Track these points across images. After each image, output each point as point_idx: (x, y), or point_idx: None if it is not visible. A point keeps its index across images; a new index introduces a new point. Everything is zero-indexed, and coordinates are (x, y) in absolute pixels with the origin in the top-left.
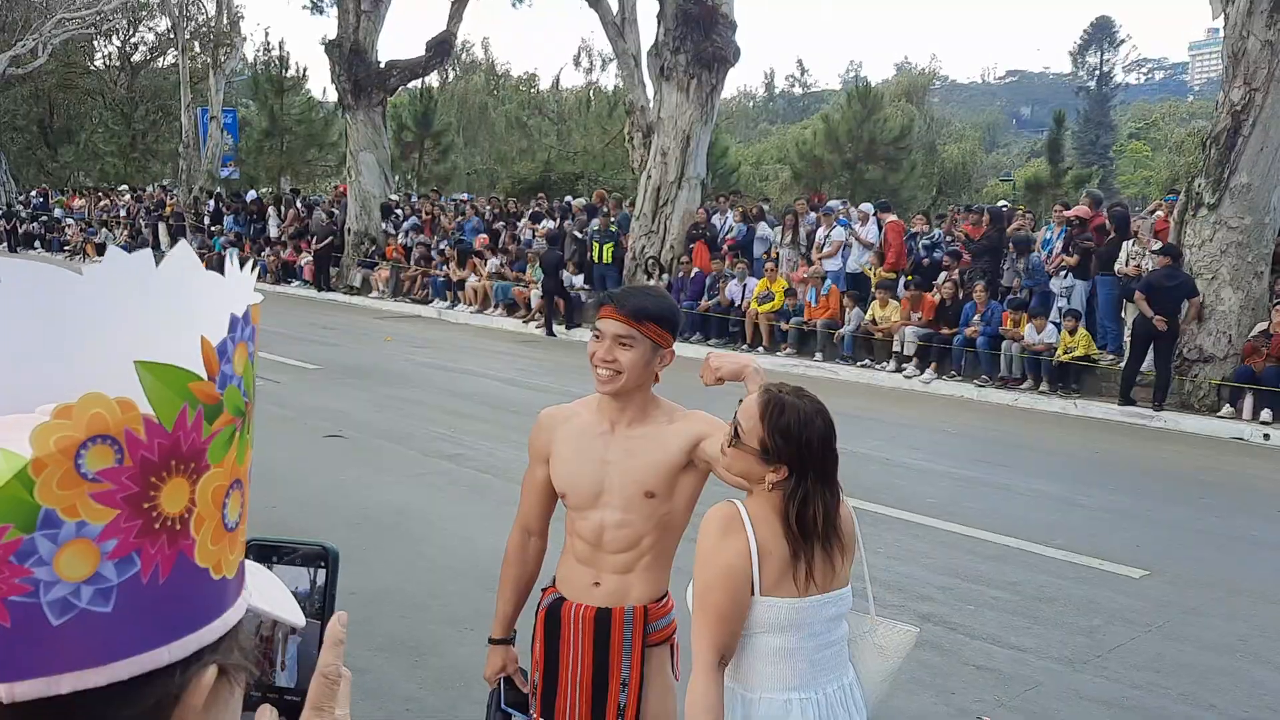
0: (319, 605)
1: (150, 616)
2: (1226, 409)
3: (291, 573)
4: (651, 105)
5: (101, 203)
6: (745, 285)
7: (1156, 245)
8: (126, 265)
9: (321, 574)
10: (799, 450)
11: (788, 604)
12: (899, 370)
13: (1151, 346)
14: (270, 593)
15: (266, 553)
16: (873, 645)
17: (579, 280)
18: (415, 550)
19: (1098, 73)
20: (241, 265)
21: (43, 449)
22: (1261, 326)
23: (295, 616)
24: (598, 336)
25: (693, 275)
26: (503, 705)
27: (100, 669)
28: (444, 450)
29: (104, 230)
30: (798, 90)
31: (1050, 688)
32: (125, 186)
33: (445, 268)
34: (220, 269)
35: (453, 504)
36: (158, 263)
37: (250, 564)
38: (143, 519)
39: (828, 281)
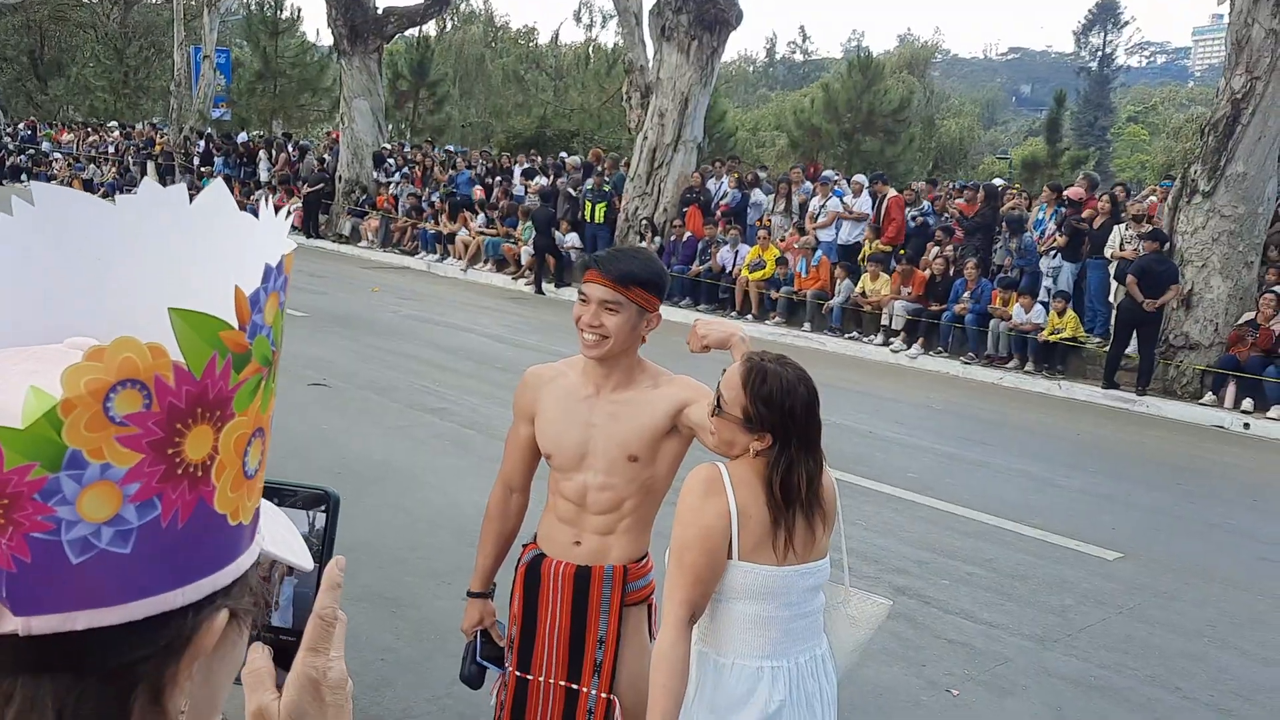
0: (318, 548)
1: (167, 560)
2: (1209, 397)
3: (291, 515)
4: (651, 65)
5: (90, 138)
6: (737, 252)
7: (1145, 229)
8: (161, 199)
9: (321, 517)
10: (782, 418)
11: (766, 571)
12: (886, 344)
13: (1136, 331)
14: (282, 535)
15: (268, 494)
16: (845, 616)
17: (571, 239)
18: (395, 503)
19: (1100, 54)
20: (276, 211)
21: (73, 390)
22: (1249, 316)
23: (305, 560)
24: (584, 300)
25: (685, 239)
26: (478, 658)
27: (115, 608)
28: (428, 404)
29: (91, 166)
30: (799, 57)
31: (1020, 664)
32: (115, 123)
33: (436, 220)
34: (254, 214)
35: (435, 458)
36: (191, 199)
37: (265, 505)
38: (166, 464)
39: (819, 252)
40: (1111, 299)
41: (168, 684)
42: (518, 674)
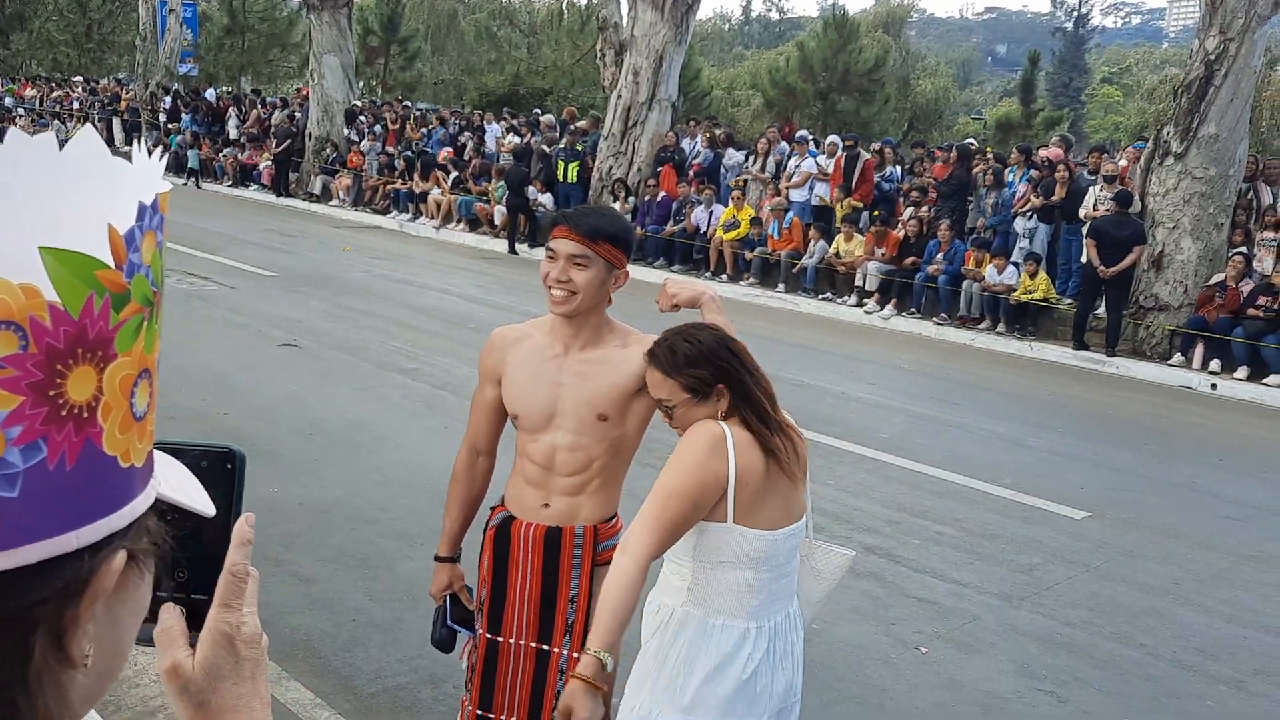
0: (227, 507)
1: (58, 502)
2: (1177, 358)
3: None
4: (625, 22)
5: (54, 93)
6: (711, 212)
7: (1115, 190)
8: (29, 147)
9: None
10: (714, 365)
11: (761, 537)
12: (860, 305)
13: (1104, 292)
14: (180, 483)
15: (170, 455)
16: (810, 569)
17: (545, 198)
18: (367, 463)
19: (1075, 14)
20: (150, 153)
21: None
22: (1218, 277)
23: (205, 507)
24: (551, 256)
25: (659, 199)
26: (448, 622)
27: (6, 553)
28: (400, 364)
29: (56, 122)
30: (774, 15)
31: (988, 622)
32: (79, 78)
33: (409, 179)
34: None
35: (406, 418)
36: (61, 148)
37: (160, 454)
38: (49, 406)
39: (791, 212)
40: (1084, 259)
41: (68, 627)
42: (488, 636)
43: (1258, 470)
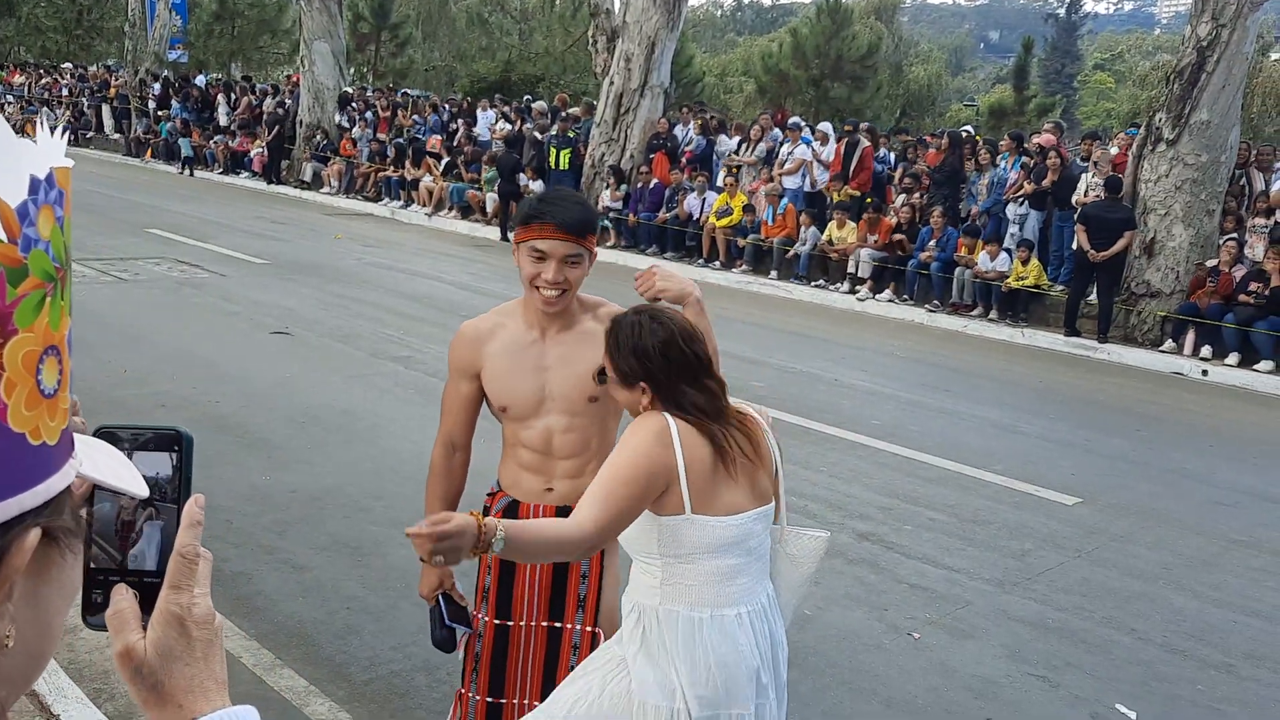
0: (176, 488)
1: None
2: (1169, 344)
3: (150, 458)
4: (617, 9)
5: (43, 80)
6: (704, 199)
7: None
8: None
9: (178, 457)
10: (640, 361)
11: (728, 523)
12: (852, 292)
13: (1095, 278)
14: (105, 463)
15: (117, 437)
16: (785, 555)
17: (536, 185)
18: (360, 451)
19: (1068, 0)
20: (53, 131)
21: None
22: (1211, 262)
23: (135, 486)
24: (540, 257)
25: (651, 186)
26: (447, 621)
27: None
28: (392, 352)
29: (45, 109)
30: (767, 1)
31: (979, 607)
32: (68, 65)
33: (401, 166)
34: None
35: (399, 406)
36: (145, 143)
37: (83, 437)
38: None
39: (785, 199)
40: (1075, 245)
41: None
42: (496, 622)
43: (1248, 456)
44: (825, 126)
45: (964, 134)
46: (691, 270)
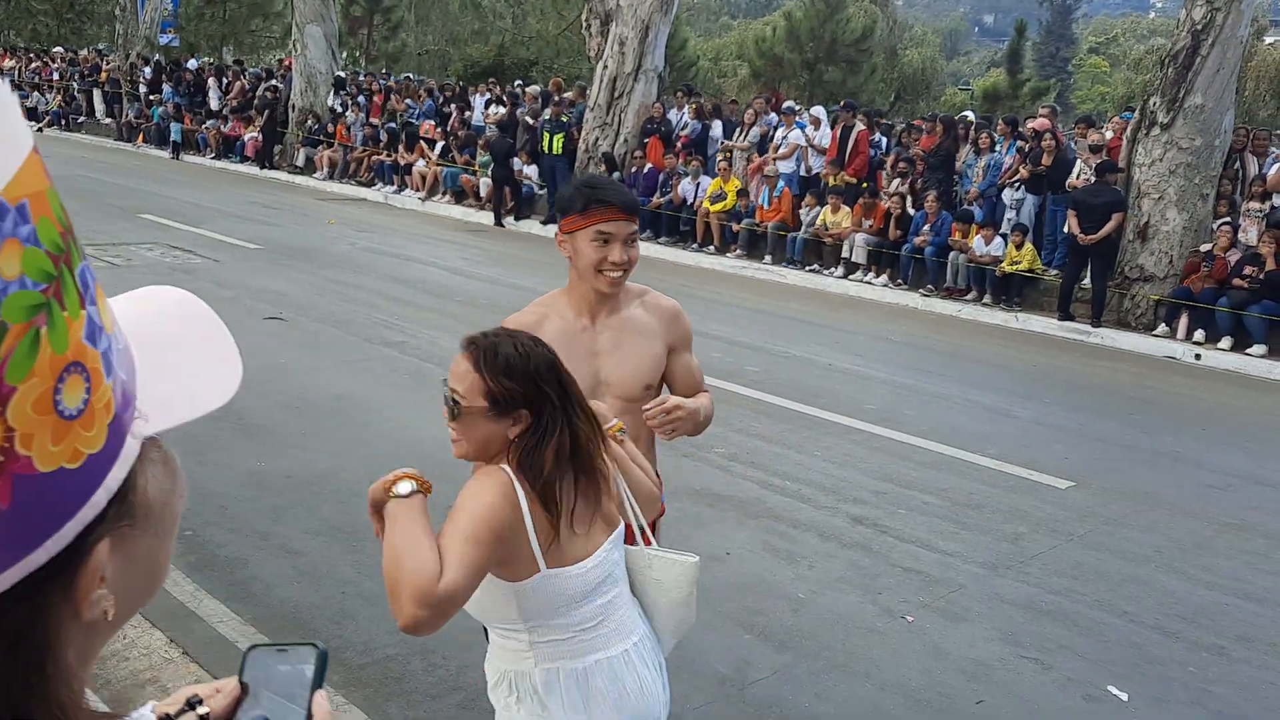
0: (308, 701)
1: (7, 539)
2: (1162, 328)
3: (289, 673)
4: None
5: (33, 64)
6: (699, 184)
7: (1098, 160)
8: None
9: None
10: (532, 383)
11: (588, 565)
12: (846, 276)
13: (1089, 263)
14: (173, 392)
15: (257, 662)
16: (651, 580)
17: (530, 170)
18: (354, 436)
19: None
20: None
21: None
22: (1206, 247)
23: (216, 397)
24: (606, 239)
25: (645, 171)
26: None
27: None
28: (386, 337)
29: (36, 94)
30: None
31: (973, 590)
32: (59, 49)
33: (394, 151)
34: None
35: (393, 391)
36: (138, 127)
37: (140, 352)
38: None
39: (780, 183)
40: (1066, 230)
41: (64, 620)
42: None
43: (1240, 439)
44: (818, 110)
45: (959, 118)
46: (685, 255)
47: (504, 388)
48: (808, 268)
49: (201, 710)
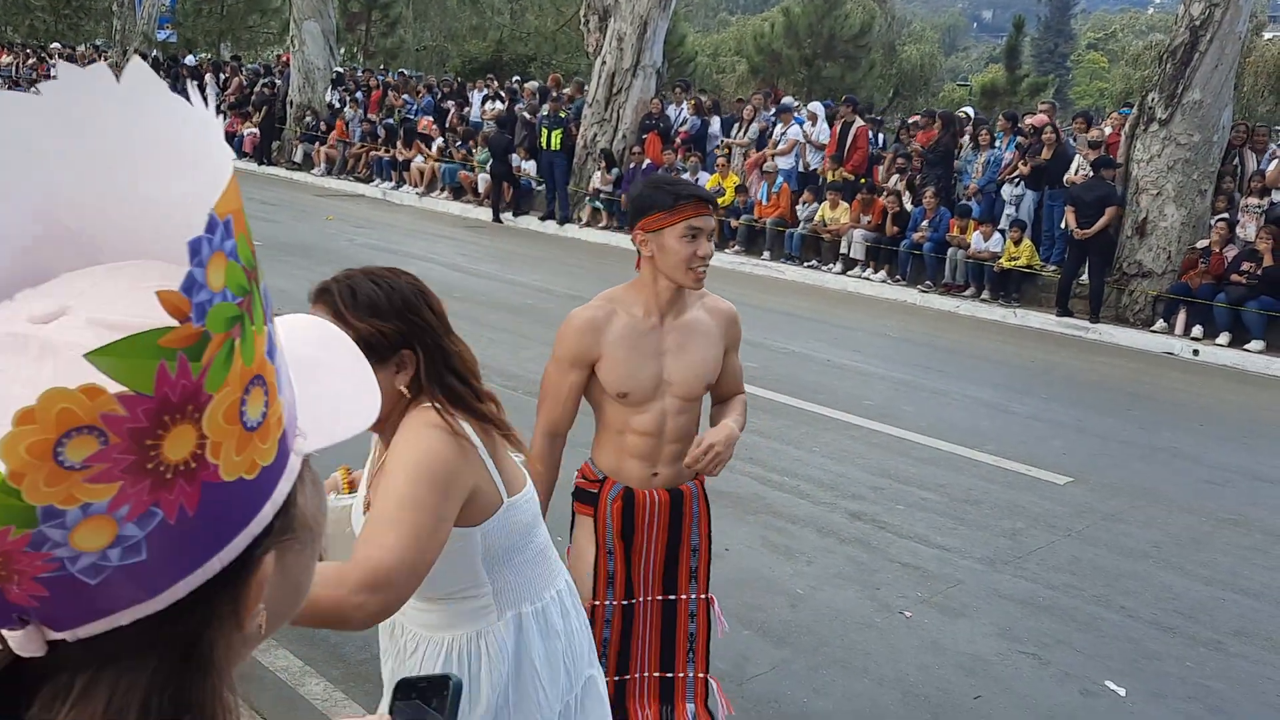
0: None
1: (190, 546)
2: (1160, 324)
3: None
4: None
5: (30, 60)
6: (697, 179)
7: (1094, 156)
8: (85, 83)
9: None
10: (405, 321)
11: (530, 490)
12: (845, 272)
13: (1087, 258)
14: (327, 411)
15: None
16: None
17: (528, 165)
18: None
19: None
20: (216, 109)
21: (15, 461)
22: (1203, 243)
23: (360, 420)
24: (694, 235)
25: (644, 167)
26: None
27: (154, 600)
28: None
29: (32, 89)
30: None
31: (971, 586)
32: (56, 45)
33: (393, 147)
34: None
35: None
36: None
37: (290, 375)
38: (150, 478)
39: (779, 179)
40: (1064, 226)
41: (229, 631)
42: (624, 603)
43: (1238, 435)
44: (816, 106)
45: (958, 114)
46: None
47: (375, 329)
48: (806, 264)
49: None
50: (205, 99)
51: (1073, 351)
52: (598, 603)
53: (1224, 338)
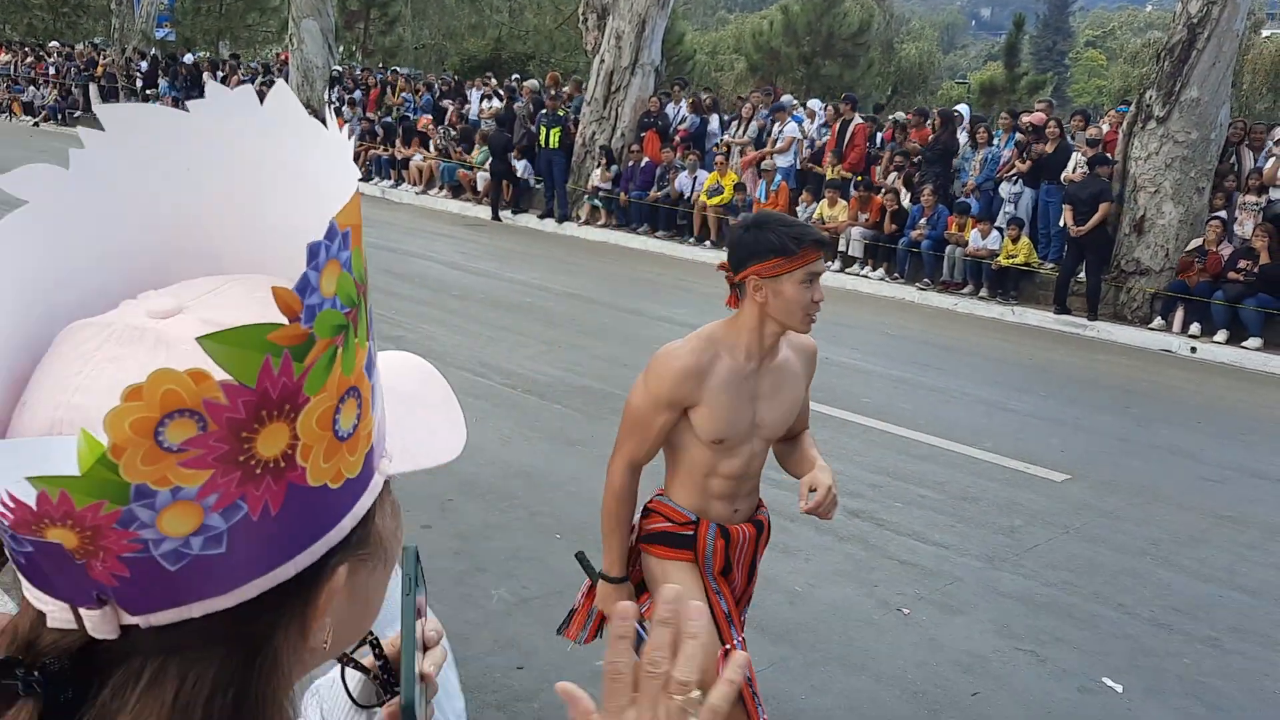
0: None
1: (268, 545)
2: (1158, 321)
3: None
4: None
5: (29, 59)
6: (696, 177)
7: (1090, 154)
8: (232, 105)
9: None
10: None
11: None
12: (843, 270)
13: (1084, 256)
14: (417, 439)
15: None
16: None
17: (520, 165)
18: None
19: None
20: (349, 133)
21: (119, 434)
22: (1197, 242)
23: (446, 451)
24: (812, 280)
25: (643, 165)
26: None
27: (226, 595)
28: (383, 331)
29: (31, 88)
30: None
31: (969, 583)
32: (55, 43)
33: (391, 145)
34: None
35: None
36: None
37: (388, 409)
38: (241, 470)
39: (778, 177)
40: (1062, 224)
41: (295, 639)
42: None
43: (1236, 432)
44: (814, 104)
45: (955, 112)
46: (682, 249)
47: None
48: None
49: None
50: (340, 120)
51: (1070, 349)
52: (728, 645)
53: (1222, 335)
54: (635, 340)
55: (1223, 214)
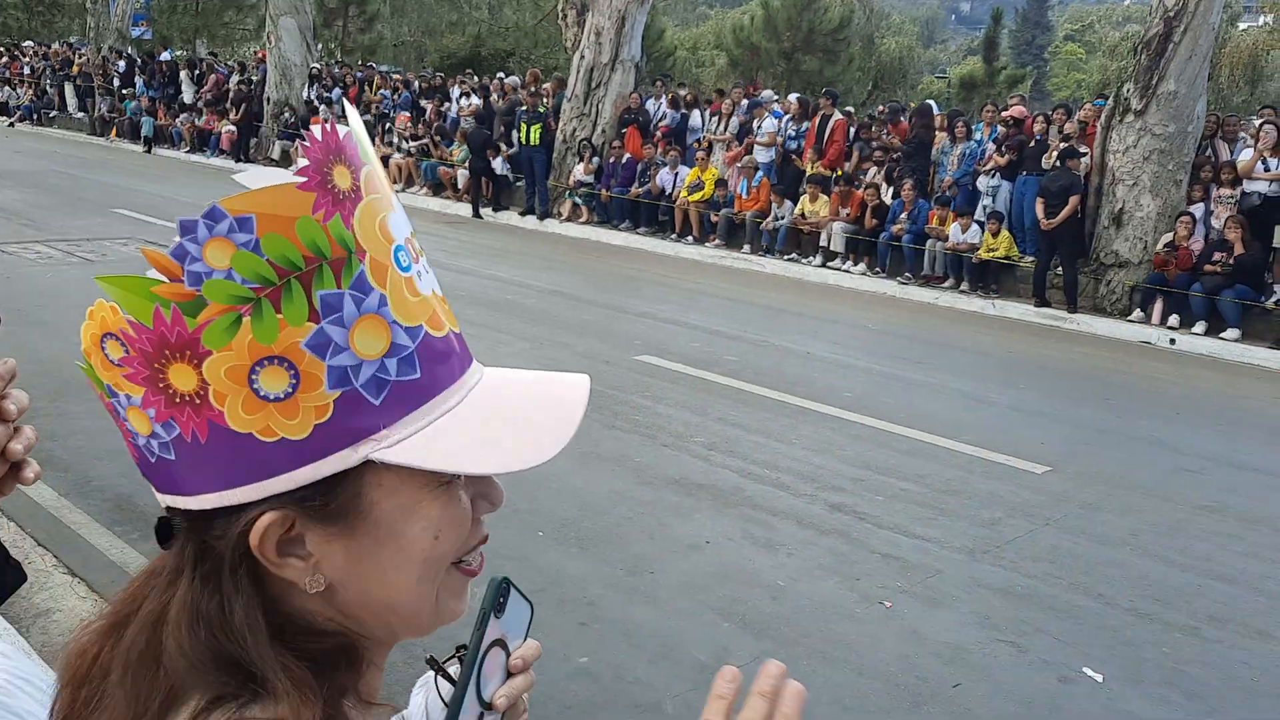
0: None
1: (204, 468)
2: (1137, 314)
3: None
4: None
5: (3, 58)
6: (677, 173)
7: (1062, 147)
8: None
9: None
10: None
11: None
12: (825, 265)
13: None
14: (473, 438)
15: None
16: None
17: (498, 164)
18: None
19: None
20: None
21: (85, 342)
22: (1167, 237)
23: (487, 465)
24: None
25: (624, 161)
26: None
27: (186, 498)
28: None
29: (7, 88)
30: None
31: (950, 576)
32: (30, 42)
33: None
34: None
35: None
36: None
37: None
38: (163, 395)
39: (759, 173)
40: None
41: (254, 566)
42: None
43: (1214, 423)
44: (793, 99)
45: (931, 106)
46: (664, 245)
47: None
48: (786, 257)
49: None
50: (315, 119)
51: (1051, 342)
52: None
53: (1200, 327)
54: (617, 337)
55: (1194, 209)
